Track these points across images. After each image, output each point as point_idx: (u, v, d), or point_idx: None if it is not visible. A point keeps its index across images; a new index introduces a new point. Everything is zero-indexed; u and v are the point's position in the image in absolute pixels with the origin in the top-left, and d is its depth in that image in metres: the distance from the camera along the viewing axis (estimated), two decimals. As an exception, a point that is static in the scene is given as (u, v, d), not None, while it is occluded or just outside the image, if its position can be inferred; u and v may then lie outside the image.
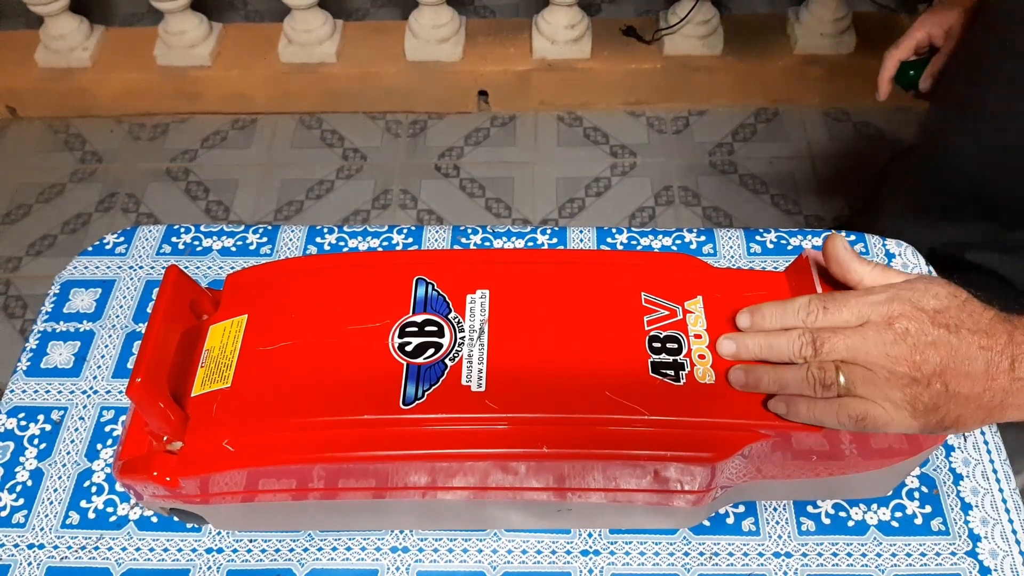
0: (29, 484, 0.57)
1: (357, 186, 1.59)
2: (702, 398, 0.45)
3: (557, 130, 1.66)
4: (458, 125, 1.67)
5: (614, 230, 0.69)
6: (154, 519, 0.55)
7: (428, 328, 0.48)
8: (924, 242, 0.68)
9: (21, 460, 0.58)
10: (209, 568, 0.53)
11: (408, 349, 0.47)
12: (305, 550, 0.54)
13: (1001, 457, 0.56)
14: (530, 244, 0.68)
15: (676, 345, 0.47)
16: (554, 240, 0.68)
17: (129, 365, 0.62)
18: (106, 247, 0.69)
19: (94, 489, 0.56)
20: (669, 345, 0.47)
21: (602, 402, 0.45)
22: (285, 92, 1.66)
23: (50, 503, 0.56)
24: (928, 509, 0.54)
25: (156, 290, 0.56)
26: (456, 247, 0.68)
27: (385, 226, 0.70)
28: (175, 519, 0.54)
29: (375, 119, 1.69)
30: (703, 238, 0.68)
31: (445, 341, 0.47)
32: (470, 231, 0.69)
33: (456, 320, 0.48)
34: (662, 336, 0.48)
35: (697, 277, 0.51)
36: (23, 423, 0.59)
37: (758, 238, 0.68)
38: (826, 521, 0.54)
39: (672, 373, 0.46)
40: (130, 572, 0.53)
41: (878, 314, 0.42)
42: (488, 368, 0.46)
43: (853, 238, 0.68)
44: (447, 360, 0.47)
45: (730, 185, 1.57)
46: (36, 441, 0.58)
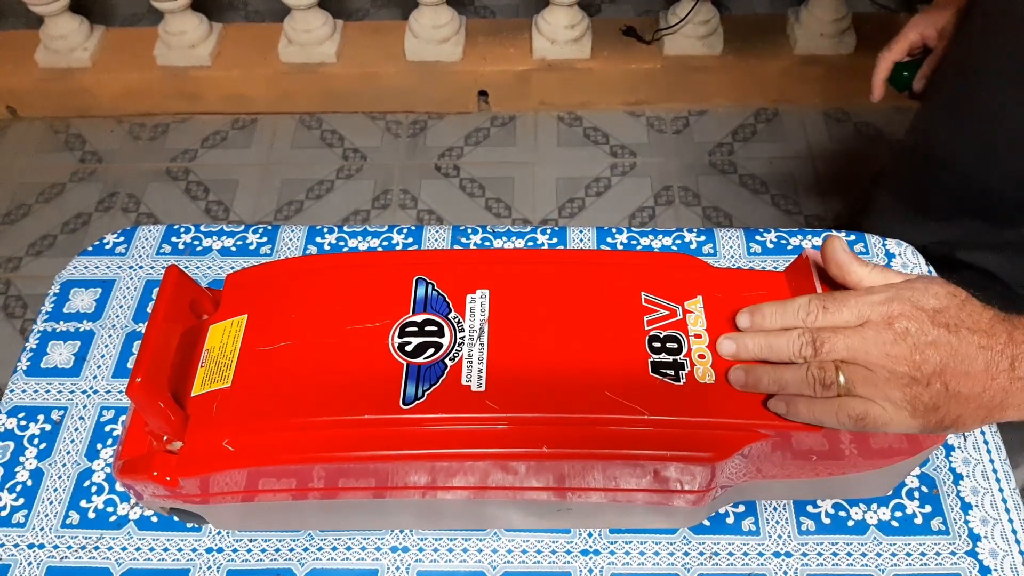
0: (29, 484, 0.57)
1: (357, 186, 1.59)
2: (702, 398, 0.45)
3: (557, 130, 1.66)
4: (458, 125, 1.67)
5: (614, 230, 0.69)
6: (154, 519, 0.55)
7: (428, 328, 0.48)
8: (915, 241, 0.68)
9: (21, 460, 0.58)
10: (209, 568, 0.53)
11: (408, 349, 0.47)
12: (305, 550, 0.54)
13: (1001, 457, 0.56)
14: (530, 244, 0.68)
15: (676, 345, 0.47)
16: (554, 240, 0.68)
17: (129, 365, 0.62)
18: (106, 247, 0.69)
19: (94, 489, 0.56)
20: (669, 345, 0.47)
21: (602, 402, 0.45)
22: (285, 92, 1.66)
23: (50, 503, 0.56)
24: (928, 509, 0.54)
25: (156, 290, 0.56)
26: (456, 247, 0.68)
27: (385, 226, 0.70)
28: (175, 519, 0.54)
29: (375, 119, 1.69)
30: (703, 238, 0.68)
31: (445, 341, 0.47)
32: (470, 231, 0.69)
33: (456, 320, 0.48)
34: (662, 336, 0.48)
35: (697, 277, 0.51)
36: (23, 423, 0.59)
37: (758, 238, 0.68)
38: (826, 521, 0.54)
39: (672, 373, 0.46)
40: (130, 572, 0.53)
41: (878, 314, 0.42)
42: (488, 368, 0.46)
43: (853, 238, 0.68)
44: (447, 360, 0.47)
45: (730, 185, 1.57)
46: (36, 441, 0.58)
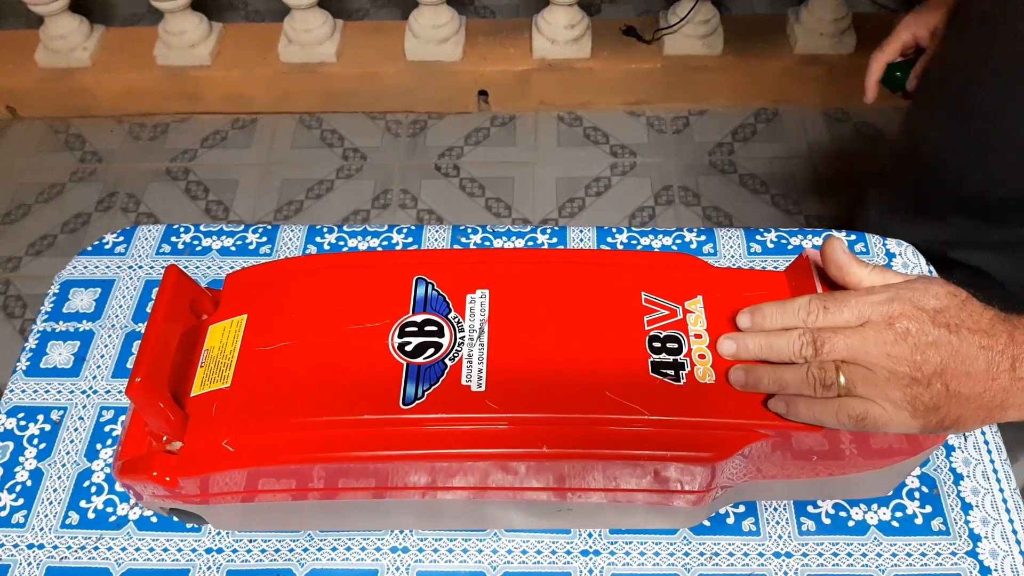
0: (29, 484, 0.57)
1: (357, 186, 1.59)
2: (702, 398, 0.45)
3: (557, 130, 1.66)
4: (458, 125, 1.67)
5: (614, 230, 0.69)
6: (154, 519, 0.55)
7: (428, 328, 0.48)
8: (908, 240, 0.68)
9: (21, 460, 0.58)
10: (209, 568, 0.53)
11: (408, 349, 0.47)
12: (305, 550, 0.54)
13: (1002, 457, 0.56)
14: (530, 244, 0.68)
15: (676, 345, 0.47)
16: (554, 240, 0.68)
17: (129, 365, 0.62)
18: (106, 247, 0.69)
19: (94, 489, 0.56)
20: (669, 345, 0.47)
21: (602, 402, 0.45)
22: (285, 92, 1.66)
23: (50, 503, 0.56)
24: (928, 509, 0.54)
25: (156, 290, 0.55)
26: (456, 247, 0.68)
27: (385, 226, 0.70)
28: (175, 519, 0.54)
29: (375, 119, 1.69)
30: (703, 238, 0.68)
31: (445, 341, 0.47)
32: (470, 231, 0.69)
33: (456, 320, 0.48)
34: (662, 336, 0.48)
35: (697, 277, 0.50)
36: (23, 423, 0.59)
37: (758, 238, 0.68)
38: (826, 521, 0.54)
39: (672, 373, 0.46)
40: (130, 572, 0.53)
41: (878, 314, 0.42)
42: (488, 368, 0.46)
43: (853, 238, 0.68)
44: (447, 360, 0.46)
45: (730, 185, 1.57)
46: (36, 441, 0.58)
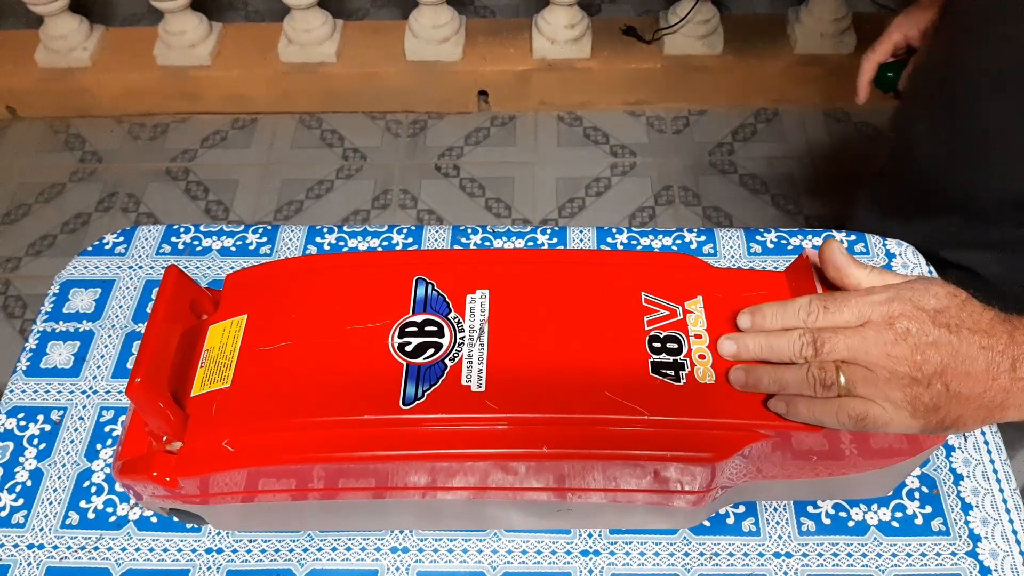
0: (29, 484, 0.57)
1: (357, 186, 1.59)
2: (702, 398, 0.45)
3: (557, 130, 1.66)
4: (458, 125, 1.67)
5: (614, 230, 0.69)
6: (154, 519, 0.55)
7: (428, 328, 0.48)
8: (900, 239, 0.68)
9: (21, 460, 0.58)
10: (209, 568, 0.53)
11: (408, 349, 0.47)
12: (305, 550, 0.54)
13: (1001, 457, 0.56)
14: (530, 244, 0.68)
15: (676, 345, 0.47)
16: (554, 240, 0.68)
17: (129, 365, 0.62)
18: (106, 247, 0.69)
19: (94, 489, 0.56)
20: (669, 345, 0.47)
21: (602, 402, 0.45)
22: (285, 92, 1.66)
23: (50, 503, 0.56)
24: (928, 509, 0.54)
25: (156, 290, 0.55)
26: (456, 247, 0.68)
27: (385, 226, 0.70)
28: (175, 519, 0.54)
29: (375, 119, 1.69)
30: (703, 238, 0.68)
31: (445, 341, 0.47)
32: (470, 231, 0.69)
33: (456, 320, 0.48)
34: (662, 336, 0.48)
35: (697, 277, 0.50)
36: (23, 423, 0.59)
37: (758, 238, 0.68)
38: (826, 521, 0.54)
39: (672, 373, 0.46)
40: (130, 572, 0.53)
41: (879, 314, 0.42)
42: (488, 368, 0.46)
43: (853, 238, 0.68)
44: (447, 360, 0.46)
45: (730, 185, 1.57)
46: (36, 441, 0.58)
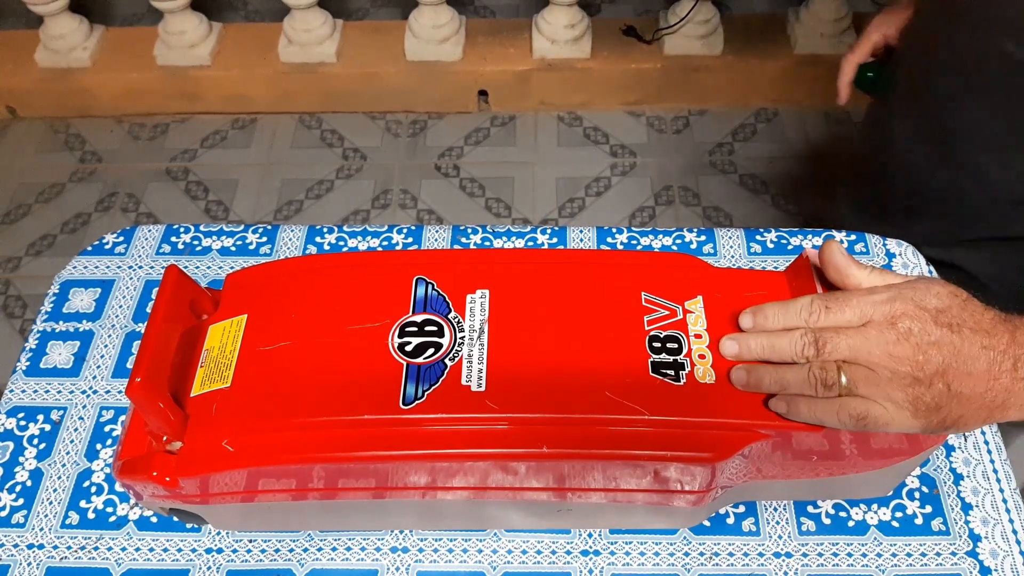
0: (29, 484, 0.56)
1: (357, 186, 1.59)
2: (702, 398, 0.45)
3: (557, 130, 1.66)
4: (458, 125, 1.67)
5: (614, 230, 0.69)
6: (154, 519, 0.55)
7: (428, 328, 0.48)
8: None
9: (21, 460, 0.58)
10: (209, 568, 0.53)
11: (408, 349, 0.47)
12: (305, 550, 0.53)
13: (1002, 457, 0.56)
14: (530, 244, 0.68)
15: (676, 345, 0.47)
16: (554, 240, 0.68)
17: (129, 365, 0.62)
18: (106, 247, 0.69)
19: (94, 489, 0.56)
20: (669, 345, 0.47)
21: (602, 402, 0.45)
22: (285, 92, 1.66)
23: (50, 503, 0.56)
24: (928, 509, 0.54)
25: (156, 290, 0.55)
26: (456, 247, 0.68)
27: (385, 226, 0.70)
28: (175, 519, 0.54)
29: (375, 119, 1.69)
30: (703, 238, 0.68)
31: (445, 341, 0.47)
32: (470, 231, 0.69)
33: (456, 320, 0.48)
34: (662, 336, 0.48)
35: (697, 277, 0.50)
36: (23, 423, 0.59)
37: (758, 238, 0.68)
38: (826, 521, 0.54)
39: (672, 373, 0.46)
40: (130, 572, 0.53)
41: (881, 313, 0.42)
42: (488, 368, 0.46)
43: (853, 237, 0.68)
44: (447, 360, 0.46)
45: (730, 185, 1.57)
46: (36, 441, 0.58)
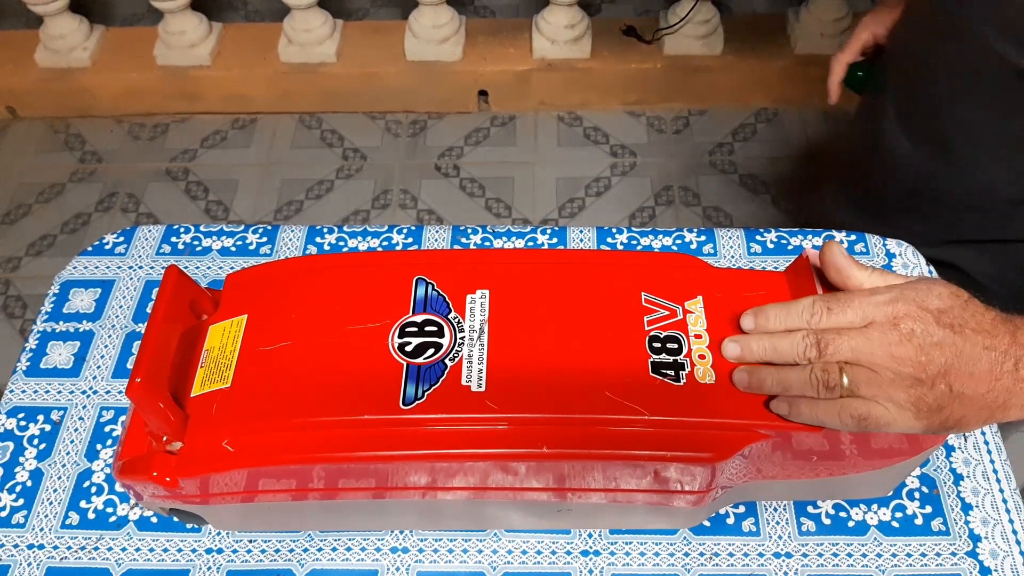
0: (29, 484, 0.56)
1: (357, 186, 1.59)
2: (702, 398, 0.45)
3: (557, 130, 1.66)
4: (458, 125, 1.67)
5: (614, 230, 0.69)
6: (154, 519, 0.55)
7: (428, 328, 0.48)
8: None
9: (21, 460, 0.58)
10: (209, 568, 0.53)
11: (408, 349, 0.47)
12: (305, 550, 0.53)
13: (1001, 457, 0.56)
14: (530, 244, 0.68)
15: (676, 345, 0.47)
16: (554, 240, 0.68)
17: (129, 365, 0.62)
18: (106, 247, 0.69)
19: (94, 489, 0.56)
20: (669, 345, 0.47)
21: (602, 402, 0.45)
22: (285, 92, 1.66)
23: (50, 503, 0.56)
24: (928, 509, 0.54)
25: (156, 290, 0.56)
26: (456, 247, 0.68)
27: (385, 226, 0.70)
28: (175, 519, 0.54)
29: (375, 119, 1.69)
30: (703, 238, 0.68)
31: (445, 341, 0.47)
32: (470, 231, 0.69)
33: (456, 320, 0.48)
34: (662, 336, 0.48)
35: (697, 277, 0.50)
36: (23, 423, 0.59)
37: (758, 238, 0.68)
38: (826, 521, 0.54)
39: (672, 373, 0.46)
40: (130, 572, 0.53)
41: (883, 314, 0.42)
42: (488, 368, 0.46)
43: (853, 238, 0.68)
44: (447, 360, 0.46)
45: (730, 185, 1.57)
46: (36, 441, 0.58)
